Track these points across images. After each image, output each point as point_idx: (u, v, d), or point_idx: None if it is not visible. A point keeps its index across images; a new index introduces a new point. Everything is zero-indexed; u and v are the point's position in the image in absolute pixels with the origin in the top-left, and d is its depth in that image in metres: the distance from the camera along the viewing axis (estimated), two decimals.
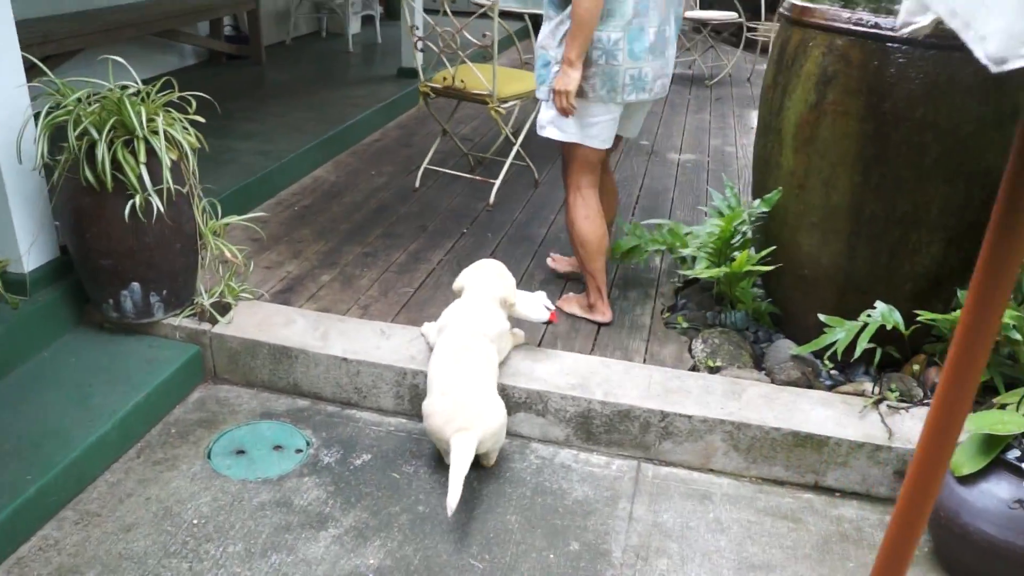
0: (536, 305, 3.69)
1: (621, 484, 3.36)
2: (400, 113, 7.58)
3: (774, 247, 3.88)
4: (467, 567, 2.88)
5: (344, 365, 3.67)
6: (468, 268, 3.68)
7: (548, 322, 3.79)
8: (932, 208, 3.50)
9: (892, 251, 3.63)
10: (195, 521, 3.01)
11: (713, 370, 3.82)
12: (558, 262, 4.50)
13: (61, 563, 2.76)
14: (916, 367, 3.80)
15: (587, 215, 3.96)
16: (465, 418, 3.08)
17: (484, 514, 3.14)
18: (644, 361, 3.89)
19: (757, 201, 3.93)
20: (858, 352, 3.52)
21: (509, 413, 3.55)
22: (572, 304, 4.24)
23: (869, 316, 3.61)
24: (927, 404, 3.56)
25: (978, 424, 2.90)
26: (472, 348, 3.32)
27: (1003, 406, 3.31)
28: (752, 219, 3.99)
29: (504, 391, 3.53)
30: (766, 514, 3.26)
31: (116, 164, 3.24)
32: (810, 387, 3.68)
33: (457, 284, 3.64)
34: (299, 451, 3.45)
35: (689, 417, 3.41)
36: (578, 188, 3.96)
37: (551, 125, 3.82)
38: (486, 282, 3.56)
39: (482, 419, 3.11)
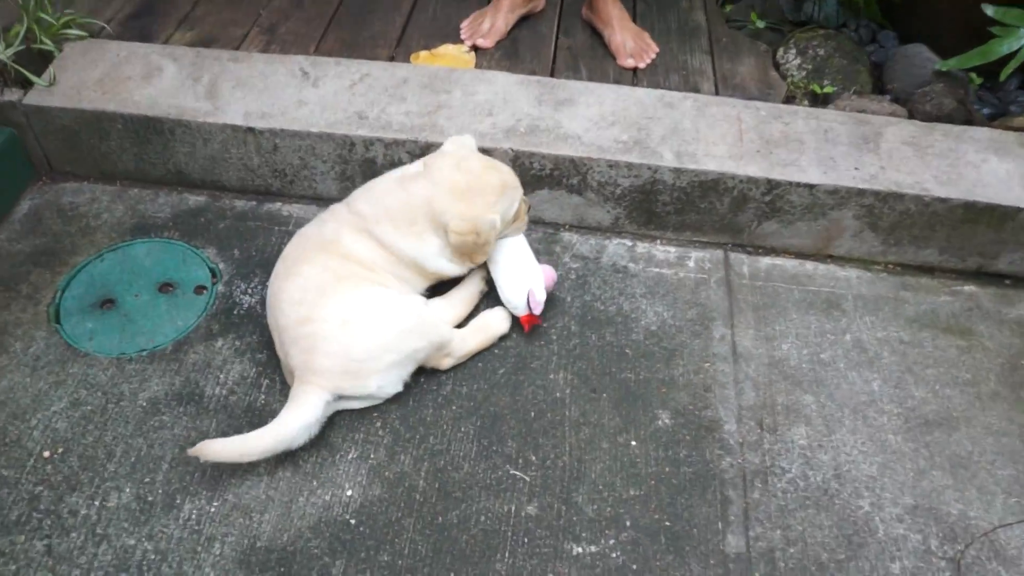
0: (517, 288, 2.03)
1: (708, 293, 2.21)
2: None
3: None
4: (505, 479, 1.80)
5: (251, 138, 2.27)
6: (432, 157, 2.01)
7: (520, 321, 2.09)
8: None
9: None
10: (46, 454, 1.81)
11: (820, 99, 2.53)
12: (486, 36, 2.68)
13: None
14: None
15: None
16: (313, 365, 1.80)
17: (514, 376, 2.00)
18: (716, 90, 2.56)
19: None
20: None
21: (528, 191, 2.26)
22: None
23: None
24: None
25: None
26: (355, 271, 1.91)
27: None
28: None
29: (517, 161, 2.21)
30: (922, 326, 2.18)
31: None
32: (968, 122, 2.44)
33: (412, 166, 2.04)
34: (201, 289, 2.17)
35: (811, 187, 2.19)
36: None
37: None
38: (440, 177, 1.94)
39: (338, 371, 1.81)
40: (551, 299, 2.14)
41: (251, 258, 2.24)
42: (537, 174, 2.24)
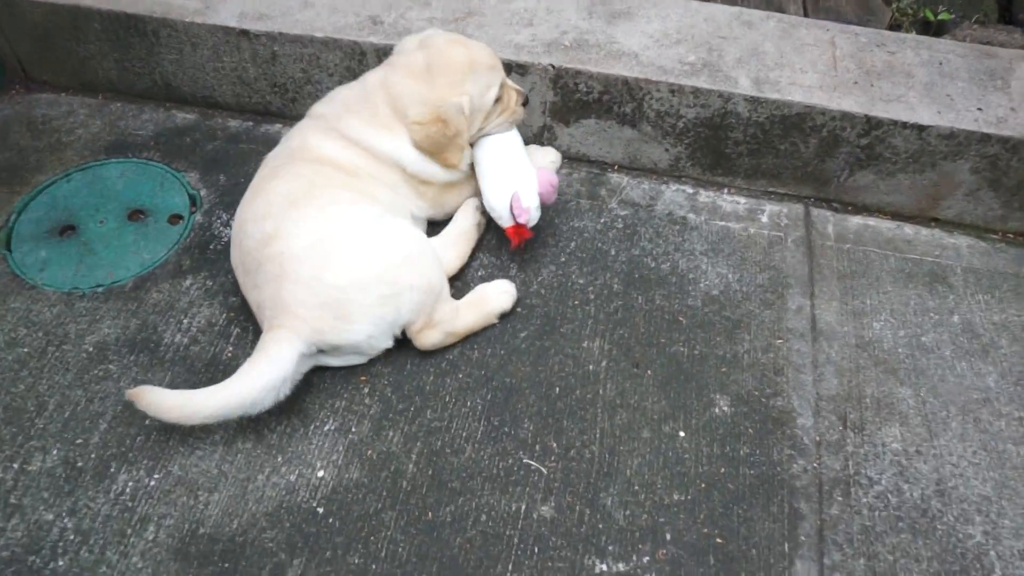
0: (500, 191, 1.63)
1: (783, 255, 1.81)
2: None
3: None
4: (517, 470, 1.44)
5: (245, 43, 1.92)
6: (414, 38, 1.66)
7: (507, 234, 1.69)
8: None
9: None
10: None
11: (932, 28, 2.07)
12: None
13: None
14: None
15: None
16: (283, 298, 1.44)
17: (538, 341, 1.62)
18: (805, 12, 2.12)
19: None
20: None
21: (572, 119, 1.89)
22: None
23: None
24: None
25: None
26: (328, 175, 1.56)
27: None
28: None
29: (559, 82, 1.83)
30: None
31: None
32: None
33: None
34: (176, 218, 1.84)
35: (921, 129, 1.76)
36: None
37: None
38: (408, 67, 1.59)
39: (315, 305, 1.43)
40: (596, 255, 1.77)
41: (238, 185, 1.89)
42: (583, 98, 1.85)
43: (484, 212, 1.72)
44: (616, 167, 1.98)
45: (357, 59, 1.88)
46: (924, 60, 1.89)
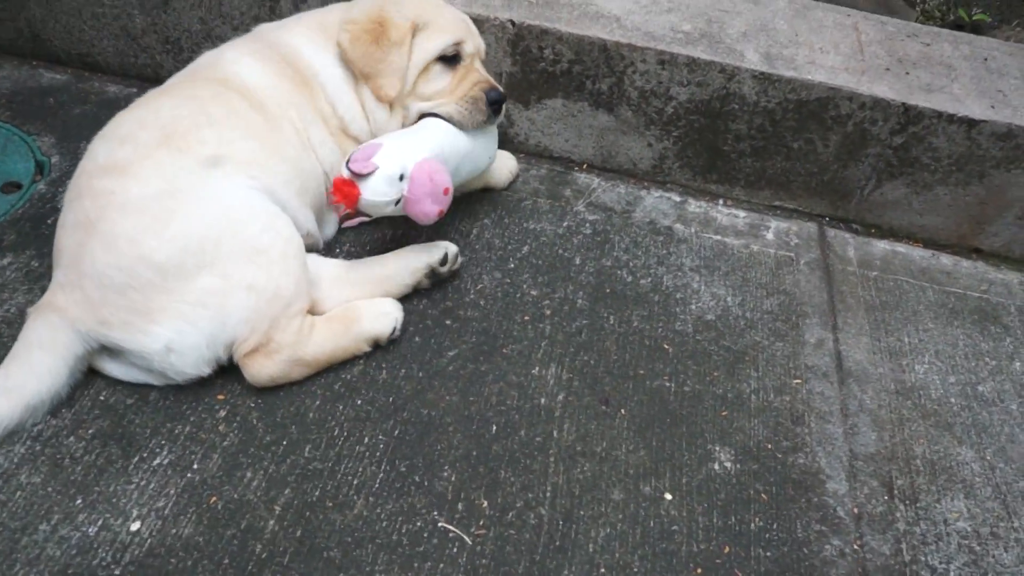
0: (388, 175, 1.15)
1: (795, 278, 1.42)
2: None
3: None
4: (428, 536, 0.98)
5: None
6: None
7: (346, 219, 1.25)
8: None
9: None
10: None
11: (964, 30, 1.75)
12: None
13: None
14: None
15: None
16: (82, 263, 1.03)
17: (471, 364, 1.20)
18: None
19: None
20: None
21: (534, 96, 1.50)
22: None
23: None
24: None
25: None
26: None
27: None
28: None
29: (519, 44, 1.45)
30: None
31: None
32: None
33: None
34: (13, 187, 1.42)
35: (971, 125, 1.40)
36: None
37: None
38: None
39: (114, 285, 1.01)
40: (552, 263, 1.36)
41: None
42: (548, 69, 1.47)
43: (431, 275, 1.27)
44: (585, 166, 1.59)
45: (268, 6, 1.49)
46: (965, 55, 1.55)
